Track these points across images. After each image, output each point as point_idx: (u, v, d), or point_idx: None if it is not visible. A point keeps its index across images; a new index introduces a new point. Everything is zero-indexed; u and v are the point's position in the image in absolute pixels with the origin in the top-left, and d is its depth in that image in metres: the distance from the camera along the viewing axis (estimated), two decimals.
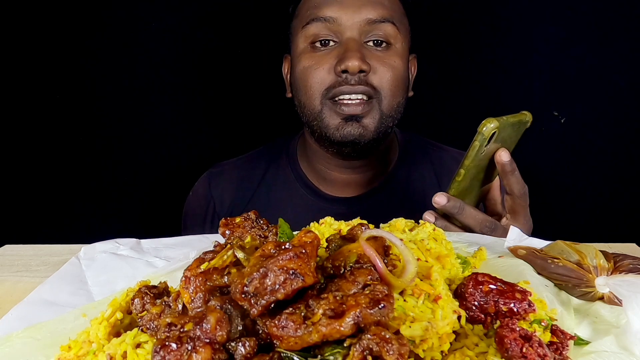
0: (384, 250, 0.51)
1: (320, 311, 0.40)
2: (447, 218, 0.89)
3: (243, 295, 0.42)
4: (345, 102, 1.03)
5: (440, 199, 0.85)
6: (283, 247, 0.44)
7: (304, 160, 1.23)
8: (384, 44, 1.06)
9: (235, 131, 1.67)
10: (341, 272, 0.47)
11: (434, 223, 0.84)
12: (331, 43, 1.05)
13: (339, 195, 1.19)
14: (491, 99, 1.62)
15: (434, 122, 1.64)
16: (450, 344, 0.50)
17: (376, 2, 1.06)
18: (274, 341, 0.41)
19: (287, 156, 1.25)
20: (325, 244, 0.55)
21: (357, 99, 1.03)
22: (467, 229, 0.87)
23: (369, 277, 0.44)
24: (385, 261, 0.49)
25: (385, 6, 1.06)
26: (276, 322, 0.40)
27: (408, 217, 0.75)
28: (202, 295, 0.47)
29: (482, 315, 0.53)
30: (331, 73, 1.03)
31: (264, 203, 1.19)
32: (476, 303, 0.53)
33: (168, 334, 0.41)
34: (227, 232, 0.63)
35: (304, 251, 0.43)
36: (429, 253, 0.62)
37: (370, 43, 1.05)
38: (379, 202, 1.17)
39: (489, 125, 0.82)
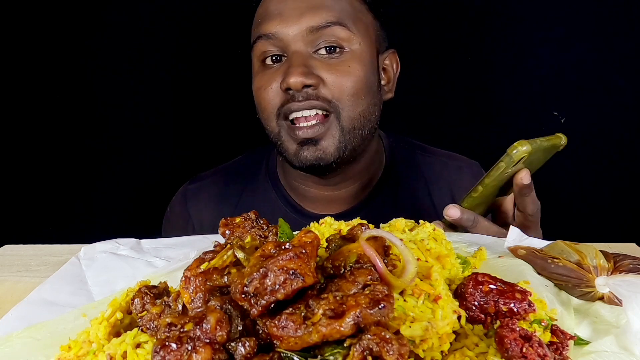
0: (384, 250, 0.51)
1: (320, 311, 0.40)
2: (454, 228, 0.87)
3: (243, 296, 0.42)
4: (299, 123, 0.97)
5: (453, 212, 0.81)
6: (283, 247, 0.44)
7: (282, 176, 1.16)
8: (337, 50, 0.97)
9: (235, 131, 1.67)
10: (341, 272, 0.47)
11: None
12: (283, 59, 0.99)
13: (323, 212, 1.10)
14: (491, 99, 1.62)
15: (433, 124, 1.64)
16: (450, 344, 0.50)
17: (318, 5, 0.97)
18: (274, 341, 0.41)
19: (267, 170, 1.18)
20: (325, 244, 0.55)
21: (311, 115, 0.96)
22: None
23: (369, 277, 0.44)
24: (385, 261, 0.49)
25: (329, 8, 0.97)
26: (276, 322, 0.40)
27: None
28: (202, 295, 0.47)
29: (482, 315, 0.53)
30: (279, 92, 0.97)
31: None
32: (476, 303, 0.53)
33: (168, 334, 0.41)
34: (227, 232, 0.63)
35: (304, 251, 0.43)
36: (429, 253, 0.62)
37: (322, 51, 0.97)
38: (368, 216, 1.11)
39: (520, 149, 0.76)
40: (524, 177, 0.79)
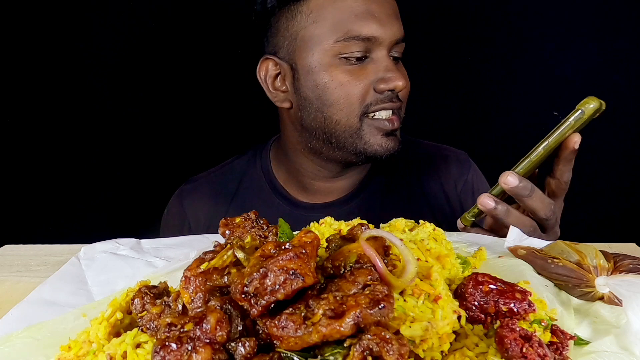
0: (384, 250, 0.51)
1: (320, 311, 0.40)
2: (476, 225, 0.85)
3: (243, 296, 0.42)
4: (382, 117, 1.03)
5: (512, 180, 0.76)
6: (283, 247, 0.44)
7: (280, 171, 1.20)
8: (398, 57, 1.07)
9: (235, 131, 1.67)
10: (341, 272, 0.47)
11: (494, 208, 0.79)
12: (363, 57, 1.02)
13: (316, 201, 1.17)
14: (491, 99, 1.62)
15: (433, 124, 1.64)
16: (450, 344, 0.50)
17: (398, 16, 1.04)
18: (274, 341, 0.41)
19: (261, 166, 1.22)
20: (325, 244, 0.55)
21: (390, 114, 1.03)
22: (524, 214, 0.82)
23: (369, 277, 0.44)
24: (385, 261, 0.49)
25: (401, 21, 1.05)
26: (276, 322, 0.40)
27: (390, 214, 0.74)
28: (202, 295, 0.47)
29: (482, 315, 0.53)
30: (370, 90, 1.01)
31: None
32: (476, 303, 0.53)
33: (168, 334, 0.41)
34: (227, 232, 0.63)
35: (304, 251, 0.43)
36: (429, 253, 0.62)
37: (392, 57, 1.04)
38: (360, 205, 1.15)
39: (592, 104, 0.72)
40: (578, 140, 0.77)
